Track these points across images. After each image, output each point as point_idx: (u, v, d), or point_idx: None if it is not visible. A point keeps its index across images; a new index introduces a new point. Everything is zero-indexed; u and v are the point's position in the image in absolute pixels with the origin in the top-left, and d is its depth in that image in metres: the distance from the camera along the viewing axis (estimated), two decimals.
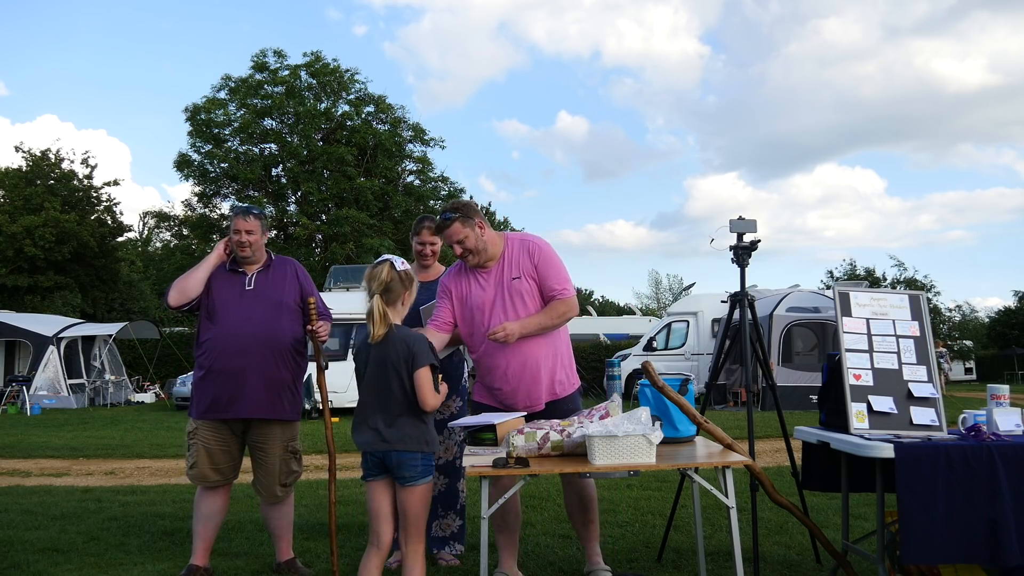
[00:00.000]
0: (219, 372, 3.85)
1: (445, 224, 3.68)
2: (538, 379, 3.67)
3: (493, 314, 3.66)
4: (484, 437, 3.39)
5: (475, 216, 3.70)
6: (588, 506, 3.79)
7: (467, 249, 3.67)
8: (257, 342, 3.86)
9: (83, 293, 27.15)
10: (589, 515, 3.80)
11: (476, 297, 3.72)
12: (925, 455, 3.03)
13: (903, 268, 28.49)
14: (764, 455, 8.21)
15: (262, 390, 3.86)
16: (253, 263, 4.04)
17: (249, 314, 3.90)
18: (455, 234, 3.65)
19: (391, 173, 29.92)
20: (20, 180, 27.30)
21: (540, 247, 3.74)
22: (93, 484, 7.32)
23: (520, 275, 3.68)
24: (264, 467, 4.01)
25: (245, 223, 3.95)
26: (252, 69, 28.92)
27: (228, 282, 3.98)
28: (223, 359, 3.85)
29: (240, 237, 3.95)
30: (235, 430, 3.97)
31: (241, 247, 3.97)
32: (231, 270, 4.03)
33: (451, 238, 3.68)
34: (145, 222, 43.19)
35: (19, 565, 4.24)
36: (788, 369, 15.11)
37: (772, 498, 3.54)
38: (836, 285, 4.45)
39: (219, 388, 3.86)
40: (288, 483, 4.06)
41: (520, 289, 3.66)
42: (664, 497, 5.77)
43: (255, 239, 3.98)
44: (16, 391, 17.62)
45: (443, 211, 3.76)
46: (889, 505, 3.36)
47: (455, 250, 3.70)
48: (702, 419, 3.50)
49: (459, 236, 3.65)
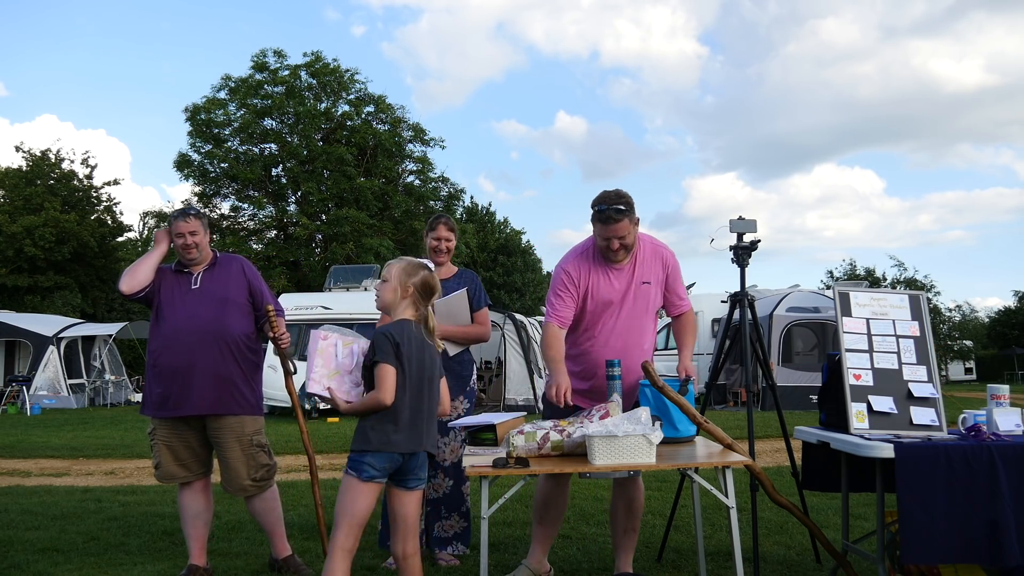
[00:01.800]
0: (166, 369, 3.87)
1: (616, 217, 3.43)
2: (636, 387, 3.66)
3: (621, 312, 3.67)
4: (484, 437, 3.39)
5: (635, 212, 3.53)
6: (634, 514, 3.79)
7: (625, 246, 3.53)
8: (203, 339, 3.86)
9: (83, 293, 27.15)
10: (632, 523, 3.80)
11: (605, 292, 3.64)
12: (925, 455, 3.03)
13: (903, 268, 28.46)
14: (764, 455, 8.21)
15: (209, 387, 3.86)
16: (199, 263, 4.05)
17: (194, 312, 3.91)
18: (622, 230, 3.46)
19: (391, 173, 29.91)
20: (20, 180, 27.30)
21: (672, 256, 3.77)
22: (93, 484, 7.32)
23: (651, 281, 3.69)
24: (226, 463, 4.00)
25: (187, 224, 3.96)
26: (252, 69, 28.91)
27: (175, 282, 4.00)
28: (169, 357, 3.87)
29: (184, 240, 3.96)
30: (193, 426, 3.96)
31: (187, 249, 3.97)
32: (177, 271, 4.05)
33: (616, 233, 3.46)
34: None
35: (19, 565, 4.24)
36: (788, 369, 15.11)
37: (772, 498, 3.54)
38: (836, 285, 4.45)
39: (167, 386, 3.87)
40: (259, 477, 4.02)
41: (647, 294, 3.70)
42: (664, 497, 5.77)
43: (199, 239, 3.99)
44: (16, 391, 17.63)
45: (610, 202, 3.45)
46: (889, 505, 3.36)
47: (611, 245, 3.51)
48: (702, 419, 3.50)
49: (624, 232, 3.47)
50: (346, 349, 3.10)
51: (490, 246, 36.97)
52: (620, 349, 3.63)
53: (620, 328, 3.68)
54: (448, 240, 4.42)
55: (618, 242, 3.51)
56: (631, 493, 3.78)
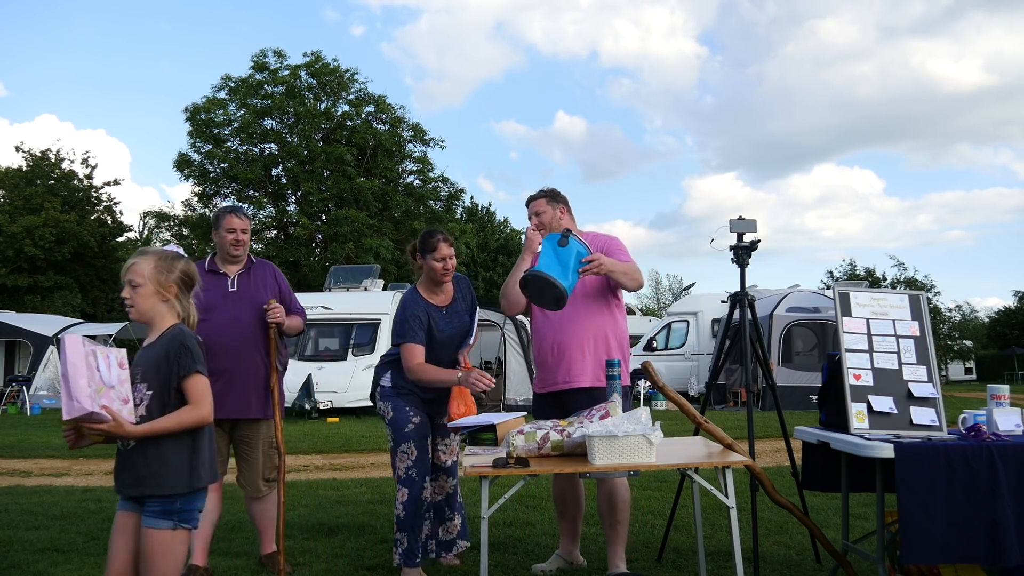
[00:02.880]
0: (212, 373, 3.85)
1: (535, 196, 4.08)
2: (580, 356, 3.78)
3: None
4: (484, 437, 3.39)
5: (560, 202, 4.08)
6: (616, 507, 3.82)
7: (541, 224, 4.00)
8: (245, 343, 3.94)
9: (83, 293, 27.17)
10: (616, 516, 3.82)
11: None
12: (925, 455, 3.03)
13: (903, 268, 28.42)
14: (764, 455, 8.21)
15: (250, 390, 3.95)
16: (238, 263, 4.11)
17: (235, 315, 3.97)
18: (538, 207, 4.05)
19: (391, 173, 29.90)
20: (20, 180, 27.31)
21: (608, 239, 4.00)
22: (93, 484, 7.32)
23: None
24: (249, 462, 4.09)
25: (240, 221, 4.05)
26: (252, 69, 28.89)
27: (211, 283, 4.01)
28: (215, 360, 3.82)
29: (236, 236, 4.03)
30: (223, 427, 4.02)
31: (236, 245, 4.04)
32: (211, 271, 4.06)
33: (533, 208, 4.06)
34: (145, 222, 43.20)
35: (19, 565, 4.24)
36: (788, 369, 15.11)
37: (772, 498, 3.54)
38: (836, 285, 4.45)
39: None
40: (270, 478, 4.12)
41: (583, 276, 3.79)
42: (664, 497, 5.77)
43: (247, 238, 4.09)
44: (16, 391, 17.62)
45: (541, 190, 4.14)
46: (889, 505, 3.36)
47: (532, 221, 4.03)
48: (702, 419, 3.51)
49: (540, 209, 4.04)
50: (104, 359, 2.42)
51: (490, 246, 36.97)
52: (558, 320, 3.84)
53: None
54: (452, 257, 4.03)
55: (535, 218, 4.03)
56: (609, 486, 3.80)
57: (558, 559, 4.05)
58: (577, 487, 4.06)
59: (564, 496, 4.06)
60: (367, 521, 5.20)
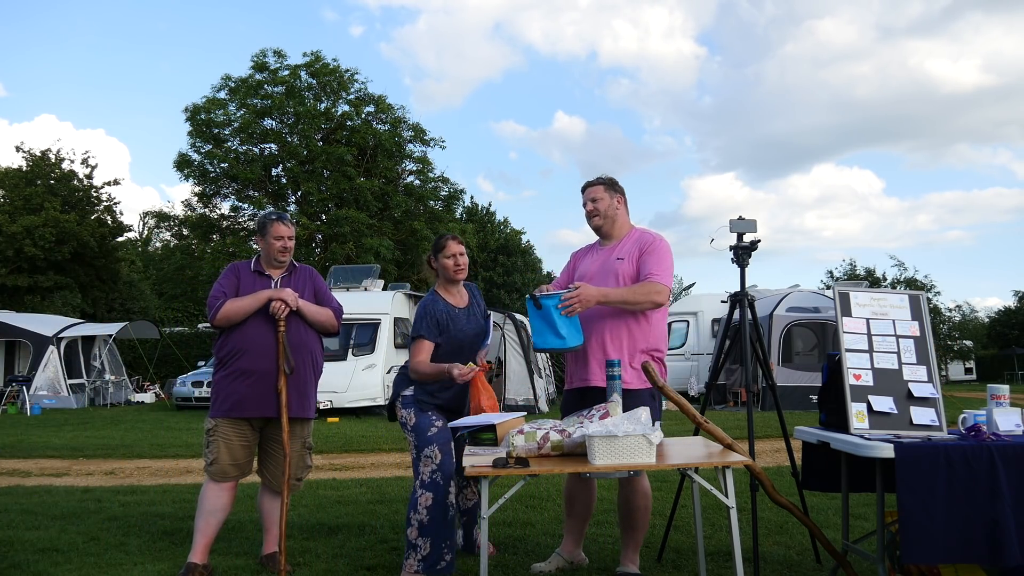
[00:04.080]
0: (250, 373, 4.01)
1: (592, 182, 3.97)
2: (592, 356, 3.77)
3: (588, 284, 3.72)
4: (484, 437, 3.39)
5: (618, 191, 3.99)
6: (630, 515, 3.85)
7: (596, 210, 3.92)
8: (290, 345, 4.03)
9: (83, 293, 27.12)
10: (629, 522, 3.87)
11: (584, 267, 3.95)
12: (925, 455, 3.03)
13: (903, 268, 28.39)
14: (764, 455, 8.20)
15: (292, 390, 4.05)
16: (283, 268, 4.22)
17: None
18: (595, 192, 3.94)
19: (391, 173, 29.87)
20: (20, 180, 27.26)
21: (654, 239, 3.88)
22: (93, 484, 7.32)
23: (625, 257, 3.83)
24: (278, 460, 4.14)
25: (287, 229, 4.19)
26: (252, 69, 28.87)
27: (256, 285, 4.12)
28: (254, 361, 4.00)
29: (283, 243, 4.16)
30: (255, 426, 4.12)
31: (283, 252, 4.16)
32: (256, 272, 4.17)
33: (590, 195, 3.95)
34: (145, 222, 43.20)
35: (19, 565, 4.24)
36: (788, 369, 15.11)
37: (772, 498, 3.54)
38: (836, 285, 4.45)
39: (249, 388, 4.00)
40: (302, 477, 4.26)
41: (618, 269, 3.80)
42: (664, 497, 5.77)
43: (293, 244, 4.22)
44: (16, 391, 17.62)
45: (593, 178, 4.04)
46: (889, 505, 3.36)
47: (587, 207, 3.95)
48: (702, 419, 3.50)
49: (596, 195, 3.93)
50: None
51: (490, 246, 36.92)
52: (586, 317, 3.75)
53: None
54: (463, 254, 4.08)
55: (591, 204, 3.93)
56: (626, 494, 3.84)
57: (558, 558, 4.04)
58: (589, 490, 4.04)
59: (574, 497, 4.04)
60: (367, 521, 5.21)
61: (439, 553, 3.79)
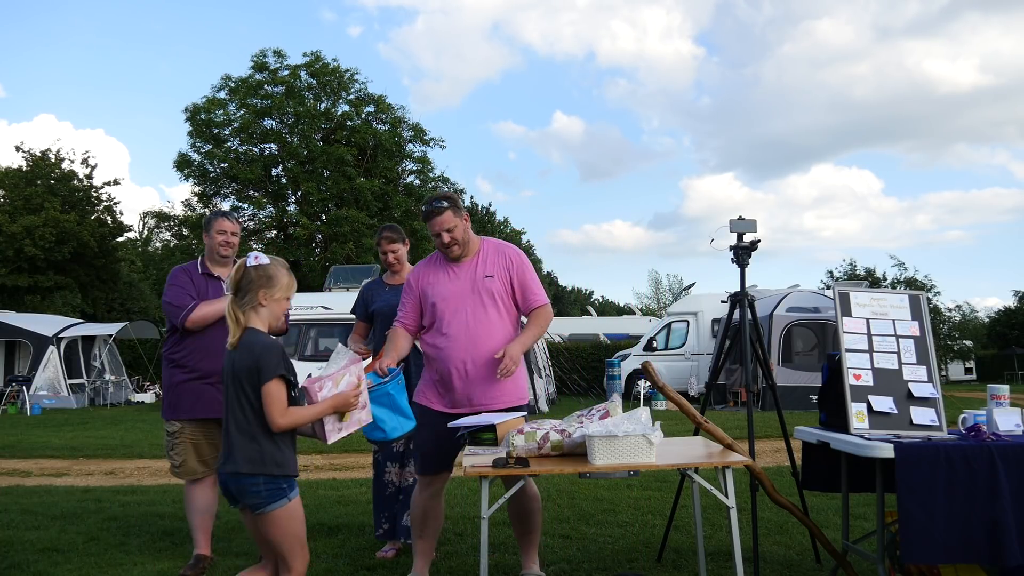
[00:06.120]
0: (208, 374, 4.04)
1: (437, 211, 3.57)
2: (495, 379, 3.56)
3: (460, 307, 3.61)
4: (484, 437, 3.39)
5: (462, 208, 3.67)
6: (525, 518, 3.73)
7: (454, 239, 3.60)
8: None
9: (83, 293, 27.11)
10: (525, 526, 3.75)
11: (444, 288, 3.66)
12: (925, 455, 3.03)
13: (903, 268, 28.36)
14: (764, 455, 8.21)
15: None
16: (228, 266, 4.24)
17: None
18: (446, 222, 3.57)
19: (391, 173, 29.89)
20: (20, 180, 27.25)
21: (517, 254, 3.79)
22: (93, 484, 7.32)
23: (493, 275, 3.67)
24: None
25: (232, 225, 4.26)
26: (252, 69, 28.91)
27: (208, 289, 4.18)
28: (210, 361, 4.00)
29: (226, 237, 4.22)
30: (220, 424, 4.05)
31: (225, 246, 4.23)
32: (205, 274, 4.22)
33: (441, 226, 3.58)
34: (145, 222, 43.19)
35: (19, 565, 4.24)
36: (788, 369, 15.10)
37: (772, 498, 3.54)
38: (836, 285, 4.45)
39: (215, 389, 3.99)
40: None
41: (491, 288, 3.65)
42: (664, 497, 5.77)
43: (237, 240, 4.26)
44: (16, 391, 17.62)
45: (432, 199, 3.66)
46: (889, 505, 3.36)
47: (442, 239, 3.61)
48: (702, 419, 3.51)
49: (449, 224, 3.57)
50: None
51: None
52: (468, 340, 3.58)
53: (470, 320, 3.61)
54: (394, 251, 4.53)
55: (447, 235, 3.59)
56: (519, 501, 3.65)
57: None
58: (439, 506, 3.76)
59: (428, 515, 3.69)
60: (367, 521, 5.20)
61: (378, 522, 4.45)
